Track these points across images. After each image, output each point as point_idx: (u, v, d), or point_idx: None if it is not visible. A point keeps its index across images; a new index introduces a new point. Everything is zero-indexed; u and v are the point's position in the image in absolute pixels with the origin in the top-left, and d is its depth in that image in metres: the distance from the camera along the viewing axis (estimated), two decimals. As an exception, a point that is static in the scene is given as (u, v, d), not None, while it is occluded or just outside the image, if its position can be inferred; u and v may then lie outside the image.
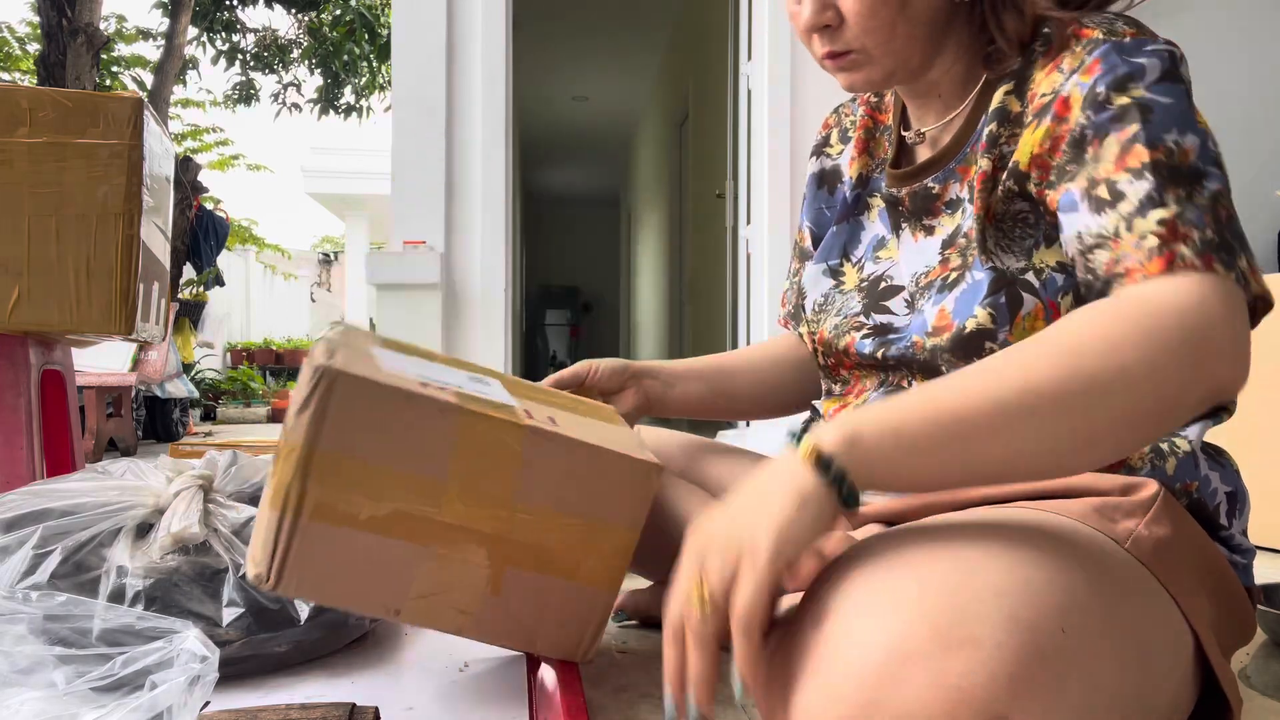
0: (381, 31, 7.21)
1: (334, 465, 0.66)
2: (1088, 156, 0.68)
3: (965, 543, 0.56)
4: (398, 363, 0.75)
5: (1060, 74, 0.71)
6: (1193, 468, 0.73)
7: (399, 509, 0.69)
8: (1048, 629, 0.50)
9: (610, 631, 1.11)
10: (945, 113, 0.82)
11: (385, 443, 0.67)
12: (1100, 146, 0.67)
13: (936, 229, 0.83)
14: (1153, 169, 0.64)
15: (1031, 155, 0.72)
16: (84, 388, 3.79)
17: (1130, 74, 0.67)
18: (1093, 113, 0.68)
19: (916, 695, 0.48)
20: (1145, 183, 0.63)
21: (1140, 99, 0.66)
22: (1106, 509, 0.66)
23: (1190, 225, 0.61)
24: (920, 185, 0.83)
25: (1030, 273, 0.72)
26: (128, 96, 1.34)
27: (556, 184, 11.38)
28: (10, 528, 0.86)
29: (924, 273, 0.83)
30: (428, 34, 2.90)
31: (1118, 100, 0.67)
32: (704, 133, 5.09)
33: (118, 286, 1.32)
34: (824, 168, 1.00)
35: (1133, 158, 0.64)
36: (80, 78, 4.81)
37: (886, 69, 0.77)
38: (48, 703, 0.58)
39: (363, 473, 0.67)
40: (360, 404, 0.66)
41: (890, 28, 0.74)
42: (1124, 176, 0.65)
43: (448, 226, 2.90)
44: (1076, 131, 0.69)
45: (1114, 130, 0.66)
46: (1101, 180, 0.66)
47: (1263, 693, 0.95)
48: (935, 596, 0.51)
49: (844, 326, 0.87)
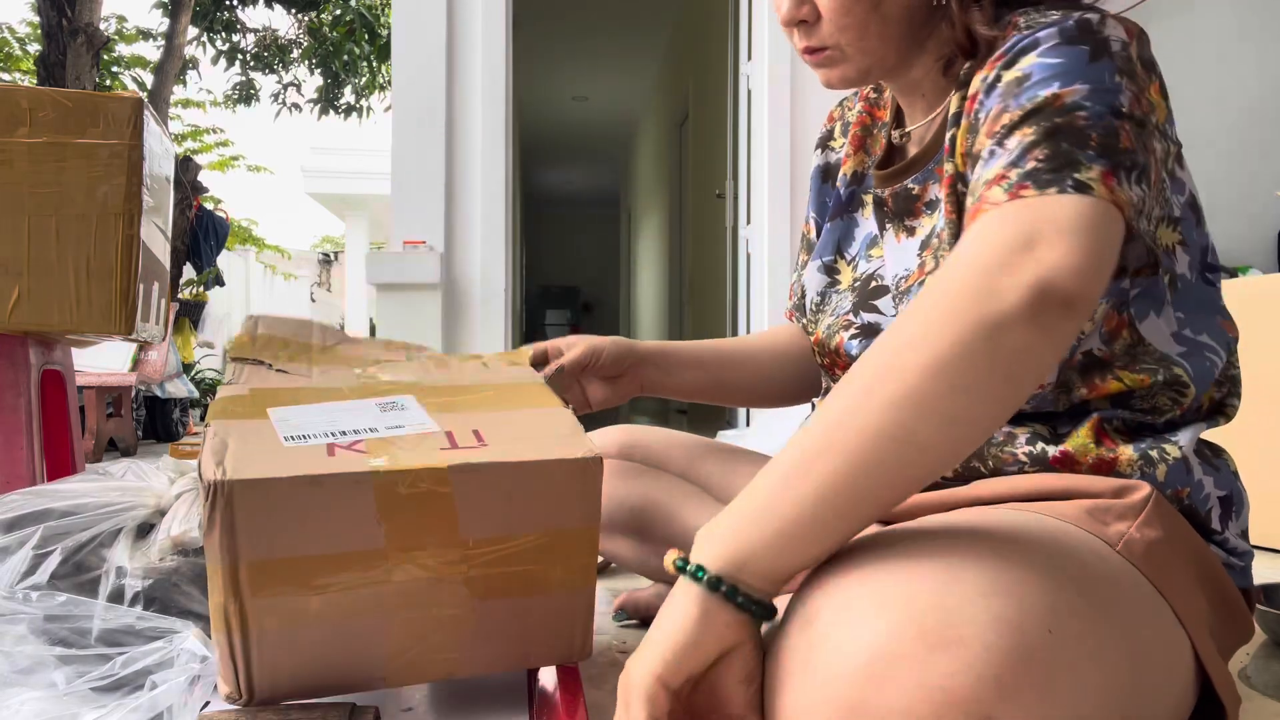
0: (381, 31, 7.21)
1: (263, 573, 0.63)
2: (983, 135, 0.66)
3: (953, 544, 0.56)
4: (297, 422, 0.71)
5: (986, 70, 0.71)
6: (1184, 473, 0.73)
7: (347, 591, 0.65)
8: (1035, 630, 0.50)
9: (610, 631, 1.11)
10: (929, 112, 0.82)
11: (308, 532, 0.64)
12: (995, 124, 0.65)
13: (917, 230, 0.83)
14: (1009, 127, 0.62)
15: (961, 155, 0.73)
16: (84, 388, 3.79)
17: (1023, 48, 0.66)
18: (983, 96, 0.68)
19: (903, 697, 0.48)
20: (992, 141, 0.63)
21: (1025, 67, 0.64)
22: (1098, 511, 0.66)
23: (1011, 167, 0.59)
24: (901, 186, 0.83)
25: None
26: (128, 96, 1.34)
27: (556, 184, 11.38)
28: (10, 528, 0.86)
29: (904, 275, 0.83)
30: (428, 34, 2.90)
31: (1006, 76, 0.66)
32: (704, 133, 5.09)
33: (118, 286, 1.32)
34: (828, 161, 1.00)
35: (1002, 119, 0.63)
36: (80, 78, 4.81)
37: (861, 67, 0.78)
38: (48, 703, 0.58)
39: (296, 569, 0.64)
40: (267, 505, 0.62)
41: (863, 26, 0.74)
42: (986, 142, 0.64)
43: (448, 226, 2.90)
44: (974, 120, 0.69)
45: (995, 104, 0.66)
46: (976, 154, 0.66)
47: (1263, 693, 0.95)
48: (922, 598, 0.51)
49: (835, 326, 0.87)
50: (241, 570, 0.62)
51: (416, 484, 0.66)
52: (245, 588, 0.62)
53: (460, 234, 2.91)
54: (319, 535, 0.64)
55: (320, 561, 0.64)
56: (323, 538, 0.64)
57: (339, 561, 0.65)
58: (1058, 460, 0.73)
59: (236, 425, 0.70)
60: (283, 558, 0.63)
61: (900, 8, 0.75)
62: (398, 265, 2.84)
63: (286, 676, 0.65)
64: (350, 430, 0.71)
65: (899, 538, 0.60)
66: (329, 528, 0.64)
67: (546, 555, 0.71)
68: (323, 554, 0.64)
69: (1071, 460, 0.73)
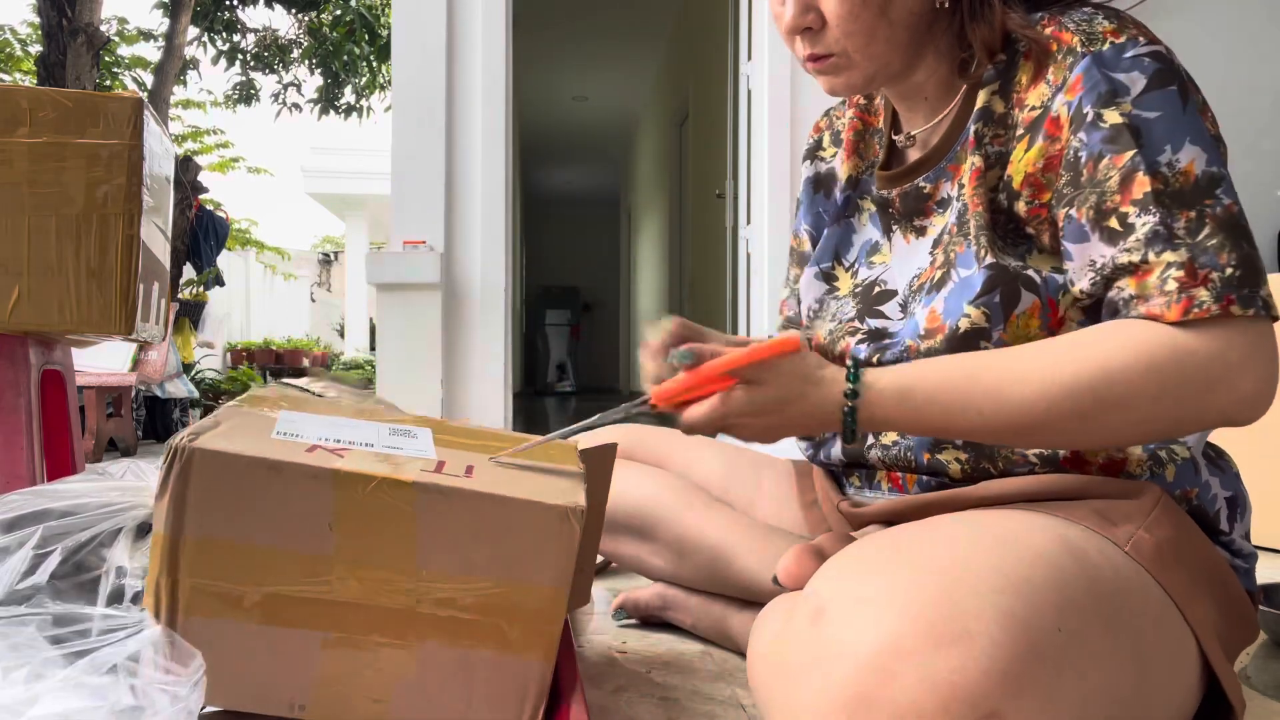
0: (381, 31, 7.20)
1: (204, 552, 0.61)
2: (1083, 180, 0.68)
3: (962, 541, 0.57)
4: (301, 427, 0.70)
5: (1047, 86, 0.71)
6: (1192, 474, 0.73)
7: (283, 593, 0.62)
8: (1043, 627, 0.51)
9: (610, 631, 1.11)
10: (933, 115, 0.82)
11: (258, 520, 0.62)
12: (1095, 170, 0.67)
13: (928, 229, 0.83)
14: (1155, 199, 0.64)
15: (1025, 174, 0.72)
16: (84, 388, 3.79)
17: (1114, 90, 0.67)
18: (1085, 134, 0.68)
19: (909, 691, 0.48)
20: (1151, 216, 0.64)
21: (1129, 116, 0.66)
22: (1107, 512, 0.66)
23: (1206, 267, 0.63)
24: (911, 185, 0.83)
25: (1028, 270, 0.72)
26: (128, 96, 1.34)
27: (556, 184, 11.38)
28: (10, 528, 0.85)
29: (917, 275, 0.82)
30: (428, 34, 2.90)
31: (1109, 118, 0.67)
32: (704, 133, 5.09)
33: (118, 286, 1.32)
34: (819, 172, 0.99)
35: (1137, 188, 0.65)
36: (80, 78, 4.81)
37: (867, 73, 0.77)
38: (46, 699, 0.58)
39: (238, 556, 0.61)
40: (222, 481, 0.61)
41: (871, 32, 0.74)
42: (1131, 209, 0.65)
43: (448, 226, 2.89)
44: (1070, 154, 0.69)
45: (1108, 153, 0.66)
46: (1110, 211, 0.66)
47: (1263, 693, 0.95)
48: (930, 593, 0.51)
49: (839, 332, 0.87)
50: (183, 544, 0.61)
51: (378, 494, 0.63)
52: (183, 564, 0.61)
53: (460, 234, 2.91)
54: (269, 526, 0.62)
55: (265, 554, 0.62)
56: (272, 529, 0.62)
57: (284, 560, 0.62)
58: (1068, 460, 0.73)
59: (239, 412, 0.70)
60: (227, 540, 0.61)
61: (907, 13, 0.74)
62: (398, 265, 2.84)
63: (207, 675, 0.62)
64: (344, 440, 0.69)
65: (908, 535, 0.60)
66: (281, 521, 0.62)
67: (504, 609, 0.65)
68: (269, 546, 0.62)
69: (1081, 460, 0.73)
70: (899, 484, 0.86)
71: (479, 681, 0.66)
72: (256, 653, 0.63)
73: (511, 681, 0.66)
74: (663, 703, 0.87)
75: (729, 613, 1.02)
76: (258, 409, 0.72)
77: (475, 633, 0.65)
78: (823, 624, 0.53)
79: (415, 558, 0.64)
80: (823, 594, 0.55)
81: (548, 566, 0.65)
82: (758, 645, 0.65)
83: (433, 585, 0.64)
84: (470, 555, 0.65)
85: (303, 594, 0.63)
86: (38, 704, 0.52)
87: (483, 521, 0.64)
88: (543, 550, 0.65)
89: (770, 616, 0.68)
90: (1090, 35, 0.69)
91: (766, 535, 0.94)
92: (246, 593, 0.62)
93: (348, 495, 0.63)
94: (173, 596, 0.61)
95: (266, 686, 0.64)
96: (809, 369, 0.68)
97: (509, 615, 0.66)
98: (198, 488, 0.60)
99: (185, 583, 0.61)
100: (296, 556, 0.63)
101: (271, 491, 0.62)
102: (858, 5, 0.73)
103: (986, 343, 0.72)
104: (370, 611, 0.64)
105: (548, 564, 0.65)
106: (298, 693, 0.64)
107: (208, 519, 0.61)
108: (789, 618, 0.58)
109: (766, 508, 1.03)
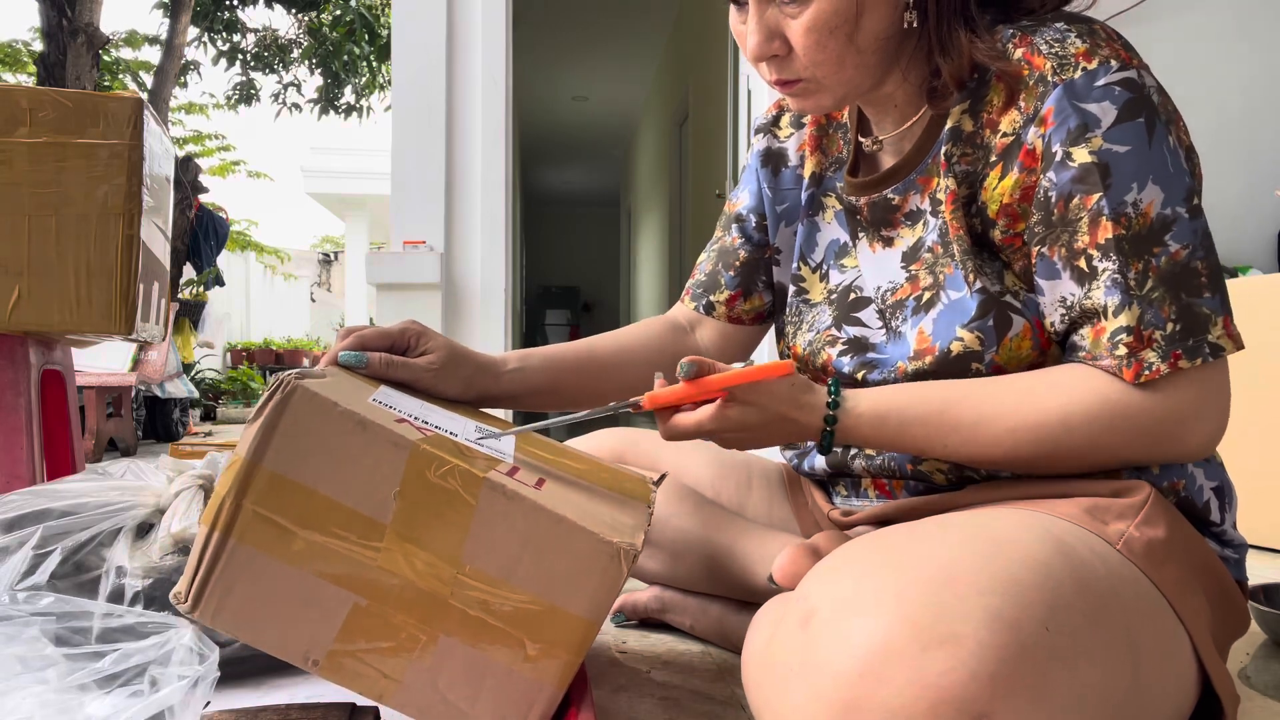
0: (381, 31, 7.21)
1: (274, 485, 0.63)
2: (1054, 219, 0.69)
3: (951, 543, 0.57)
4: (396, 400, 0.72)
5: (1018, 112, 0.71)
6: (1178, 466, 0.73)
7: (333, 546, 0.64)
8: (1031, 627, 0.50)
9: (610, 631, 1.11)
10: (902, 120, 0.81)
11: (331, 470, 0.63)
12: (1066, 209, 0.68)
13: (896, 240, 0.82)
14: (1115, 246, 0.66)
15: (1001, 204, 0.73)
16: (84, 388, 3.79)
17: (1084, 124, 0.67)
18: (1054, 174, 0.68)
19: (898, 694, 0.48)
20: (1111, 263, 0.67)
21: (1099, 153, 0.67)
22: (1097, 510, 0.66)
23: (1150, 327, 0.66)
24: (880, 196, 0.83)
25: (1009, 295, 0.73)
26: (128, 96, 1.34)
27: (556, 184, 11.38)
28: (10, 528, 0.86)
29: (890, 289, 0.82)
30: (428, 34, 2.90)
31: (1078, 157, 0.67)
32: (704, 133, 5.09)
33: (118, 286, 1.32)
34: (770, 148, 0.99)
35: (1101, 232, 0.67)
36: (80, 78, 4.81)
37: (837, 95, 0.77)
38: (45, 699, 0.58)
39: (303, 498, 0.63)
40: (312, 423, 0.63)
41: (839, 60, 0.73)
42: (1096, 253, 0.67)
43: (448, 226, 2.90)
44: (1040, 194, 0.70)
45: (1078, 193, 0.68)
46: (1080, 251, 0.68)
47: (1263, 693, 0.95)
48: (918, 595, 0.51)
49: (819, 342, 0.87)
50: (259, 471, 0.62)
51: (447, 478, 0.64)
52: (251, 490, 0.62)
53: (460, 234, 2.91)
54: (339, 478, 0.64)
55: (327, 505, 0.64)
56: (341, 483, 0.64)
57: (342, 514, 0.64)
58: None
59: (347, 378, 0.72)
60: (298, 482, 0.63)
61: (874, 38, 0.73)
62: (398, 265, 2.84)
63: (234, 604, 0.64)
64: (433, 423, 0.71)
65: (897, 537, 0.60)
66: (351, 476, 0.64)
67: (532, 626, 0.66)
68: (333, 499, 0.64)
69: None
70: (886, 490, 0.86)
71: (487, 688, 0.67)
72: (290, 597, 0.65)
73: (519, 696, 0.67)
74: (663, 703, 0.87)
75: (727, 613, 1.02)
76: (359, 381, 0.74)
77: (497, 640, 0.66)
78: (812, 627, 0.53)
79: (463, 551, 0.65)
80: (812, 597, 0.56)
81: (586, 597, 0.65)
82: (751, 648, 0.65)
83: (469, 580, 0.65)
84: (515, 564, 0.65)
85: (349, 553, 0.64)
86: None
87: (536, 535, 0.65)
88: (585, 580, 0.65)
89: (763, 619, 0.68)
90: (1062, 60, 0.68)
91: (761, 535, 0.94)
92: (298, 535, 0.64)
93: (418, 470, 0.64)
94: (232, 518, 0.63)
95: (289, 632, 0.65)
96: (796, 394, 0.73)
97: (535, 633, 0.66)
98: (289, 422, 0.62)
99: (248, 509, 0.63)
100: (355, 515, 0.64)
101: (352, 447, 0.64)
102: (824, 34, 0.71)
103: (978, 364, 0.73)
104: (406, 590, 0.65)
105: (586, 595, 0.65)
106: (315, 648, 0.66)
107: (288, 455, 0.63)
108: (780, 620, 0.58)
109: (756, 509, 1.03)
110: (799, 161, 0.95)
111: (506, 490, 0.65)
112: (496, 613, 0.66)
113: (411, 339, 0.83)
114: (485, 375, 0.87)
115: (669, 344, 1.01)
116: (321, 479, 0.63)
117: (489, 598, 0.65)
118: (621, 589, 0.66)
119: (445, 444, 0.67)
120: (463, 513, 0.65)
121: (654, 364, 0.97)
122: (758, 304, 1.01)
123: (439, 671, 0.66)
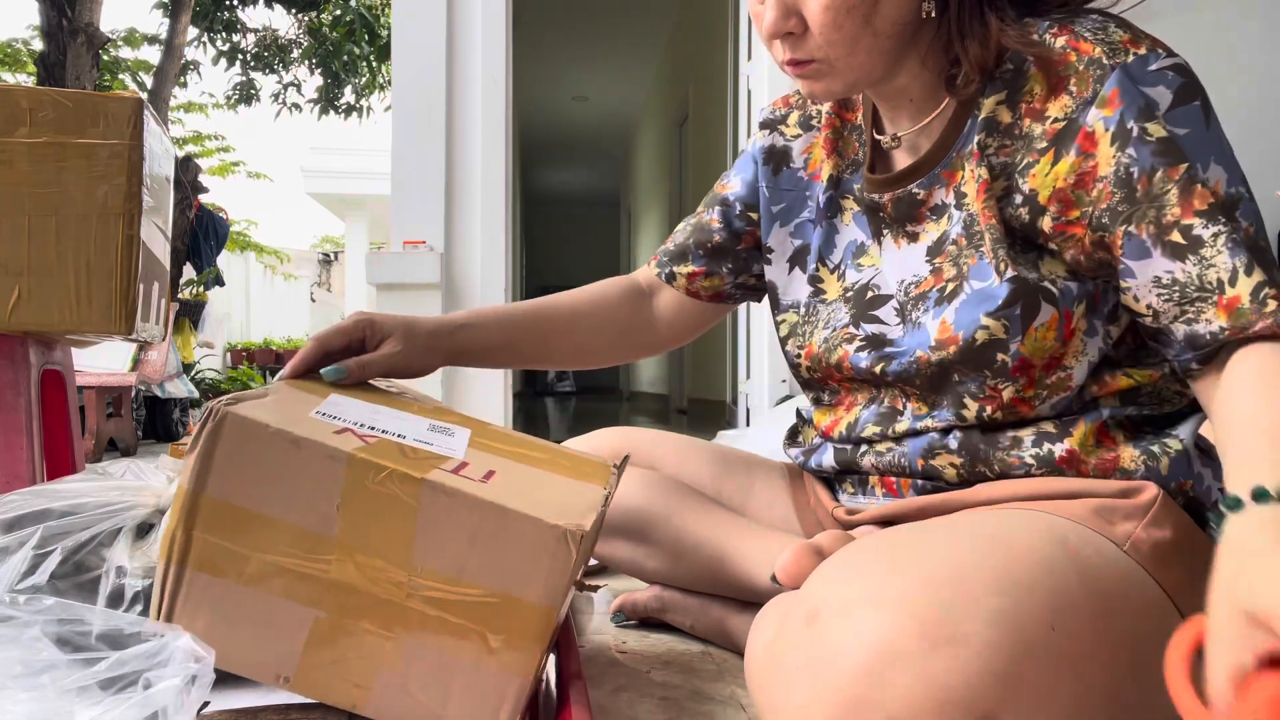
0: (381, 31, 7.20)
1: (219, 511, 0.63)
2: (1139, 195, 0.67)
3: (957, 543, 0.57)
4: (343, 410, 0.72)
5: (1069, 97, 0.70)
6: (1186, 466, 0.73)
7: (285, 564, 0.65)
8: (1037, 628, 0.50)
9: (610, 631, 1.11)
10: (919, 116, 0.81)
11: (272, 490, 0.64)
12: (1151, 184, 0.67)
13: (921, 235, 0.82)
14: (1219, 210, 0.65)
15: (1054, 190, 0.72)
16: (84, 388, 3.79)
17: (1149, 105, 0.67)
18: (1134, 150, 0.67)
19: (903, 693, 0.48)
20: (1220, 226, 0.65)
21: (1170, 132, 0.67)
22: (1104, 511, 0.66)
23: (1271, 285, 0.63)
24: (904, 191, 0.82)
25: (1046, 281, 0.72)
26: (128, 96, 1.34)
27: (556, 184, 11.38)
28: (10, 528, 0.86)
29: (913, 282, 0.82)
30: (428, 34, 2.90)
31: (1154, 132, 0.67)
32: (704, 133, 5.09)
33: (118, 286, 1.32)
34: (774, 145, 0.98)
35: (1197, 199, 0.65)
36: (80, 78, 4.81)
37: (848, 80, 0.76)
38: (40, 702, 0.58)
39: (249, 521, 0.64)
40: (247, 447, 0.63)
41: (854, 41, 0.73)
42: (1196, 221, 0.65)
43: (448, 226, 2.89)
44: (1121, 171, 0.68)
45: (1161, 166, 0.66)
46: (1172, 225, 0.66)
47: (1263, 693, 0.95)
48: (923, 595, 0.51)
49: (835, 340, 0.87)
50: (202, 501, 0.63)
51: (386, 484, 0.64)
52: (199, 520, 0.63)
53: (460, 234, 2.91)
54: (282, 498, 0.64)
55: (274, 526, 0.64)
56: (285, 502, 0.64)
57: (290, 534, 0.64)
58: (1064, 460, 0.73)
59: (290, 390, 0.72)
60: (242, 506, 0.64)
61: (891, 23, 0.73)
62: (398, 265, 2.84)
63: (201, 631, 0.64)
64: (379, 428, 0.70)
65: (902, 537, 0.60)
66: (293, 494, 0.64)
67: (491, 619, 0.65)
68: (279, 519, 0.64)
69: (1077, 459, 0.73)
70: (893, 489, 0.86)
71: (457, 685, 0.67)
72: (252, 618, 0.65)
73: (490, 691, 0.66)
74: (663, 703, 0.87)
75: (728, 613, 1.02)
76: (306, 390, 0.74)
77: (460, 636, 0.66)
78: (817, 627, 0.53)
79: (412, 553, 0.65)
80: (817, 596, 0.55)
81: (539, 584, 0.65)
82: (754, 647, 0.65)
83: (425, 583, 0.65)
84: (465, 560, 0.65)
85: (302, 569, 0.65)
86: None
87: (482, 528, 0.65)
88: (536, 567, 0.65)
89: (767, 618, 0.68)
90: (1112, 46, 0.69)
91: (763, 535, 0.93)
92: (250, 559, 0.64)
93: (358, 480, 0.64)
94: (185, 548, 0.64)
95: (256, 653, 0.66)
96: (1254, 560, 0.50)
97: (495, 625, 0.66)
98: (224, 449, 0.63)
99: (199, 537, 0.64)
100: (302, 532, 0.64)
101: (289, 465, 0.64)
102: (842, 14, 0.71)
103: (1003, 354, 0.72)
104: (363, 598, 0.65)
105: (539, 581, 0.65)
106: (283, 665, 0.66)
107: (228, 480, 0.63)
108: (785, 620, 0.58)
109: (759, 509, 1.03)
110: (803, 164, 0.95)
111: (446, 488, 0.64)
112: (454, 609, 0.66)
113: (365, 331, 0.87)
114: (439, 336, 0.92)
115: (626, 307, 1.05)
116: (264, 500, 0.64)
117: (445, 596, 0.65)
118: (577, 570, 0.65)
119: (387, 449, 0.67)
120: (406, 516, 0.65)
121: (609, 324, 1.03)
122: (717, 284, 1.04)
123: (408, 675, 0.67)
